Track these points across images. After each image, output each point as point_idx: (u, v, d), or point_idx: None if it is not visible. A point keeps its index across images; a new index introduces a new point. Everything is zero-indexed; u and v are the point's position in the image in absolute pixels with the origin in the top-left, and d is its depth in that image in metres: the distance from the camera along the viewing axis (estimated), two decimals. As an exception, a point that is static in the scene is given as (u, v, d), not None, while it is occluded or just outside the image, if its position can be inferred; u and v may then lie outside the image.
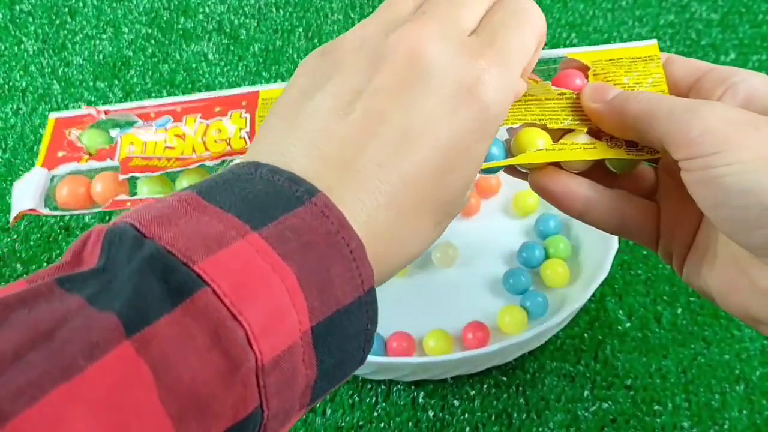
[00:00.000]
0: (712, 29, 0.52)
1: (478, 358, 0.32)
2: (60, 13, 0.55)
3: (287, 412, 0.17)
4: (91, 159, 0.28)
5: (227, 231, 0.17)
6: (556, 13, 0.54)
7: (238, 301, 0.16)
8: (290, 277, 0.17)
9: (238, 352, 0.16)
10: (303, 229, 0.17)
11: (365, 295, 0.18)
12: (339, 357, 0.18)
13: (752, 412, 0.34)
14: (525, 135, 0.25)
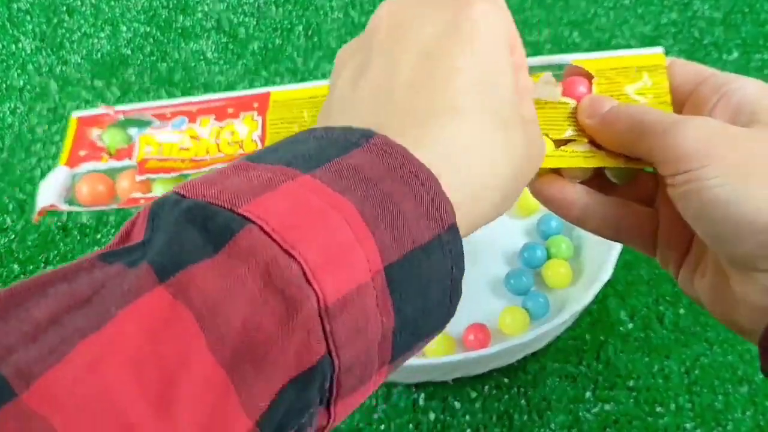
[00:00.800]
0: (714, 28, 0.52)
1: (480, 359, 0.32)
2: (58, 11, 0.55)
3: (365, 367, 0.16)
4: (110, 158, 0.28)
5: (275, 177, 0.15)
6: (558, 12, 0.54)
7: (289, 235, 0.14)
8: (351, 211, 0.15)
9: (295, 291, 0.14)
10: (362, 167, 0.16)
11: (446, 232, 0.16)
12: (421, 304, 0.16)
13: (755, 413, 0.34)
14: None
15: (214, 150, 0.28)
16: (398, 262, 0.15)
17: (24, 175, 0.45)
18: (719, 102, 0.23)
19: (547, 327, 0.32)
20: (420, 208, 0.16)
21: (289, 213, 0.15)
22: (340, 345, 0.15)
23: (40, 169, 0.45)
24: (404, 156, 0.16)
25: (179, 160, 0.28)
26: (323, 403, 0.15)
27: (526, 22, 0.53)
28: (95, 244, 0.41)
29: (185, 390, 0.13)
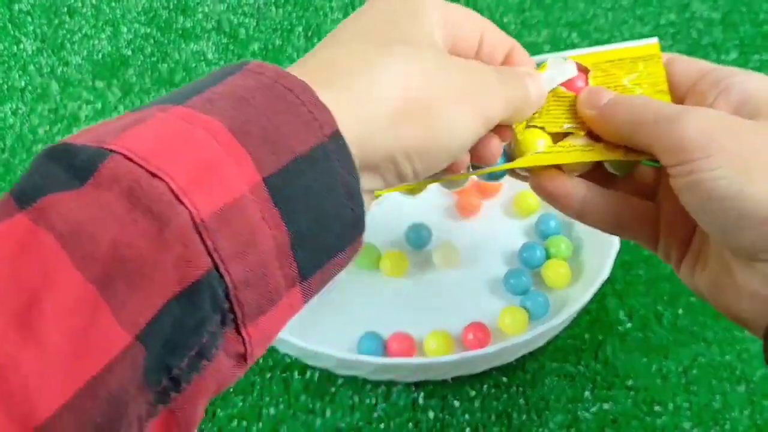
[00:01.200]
0: (713, 28, 0.52)
1: (479, 358, 0.32)
2: (58, 12, 0.55)
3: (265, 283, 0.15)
4: None
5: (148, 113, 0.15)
6: (557, 13, 0.54)
7: (154, 158, 0.14)
8: (219, 129, 0.15)
9: (163, 208, 0.14)
10: (233, 90, 0.16)
11: (329, 140, 0.16)
12: (314, 214, 0.16)
13: (753, 412, 0.34)
14: (525, 137, 0.26)
15: None
16: (278, 173, 0.15)
17: (25, 175, 0.45)
18: (720, 95, 0.23)
19: (546, 326, 0.32)
20: (297, 119, 0.16)
21: (154, 139, 0.15)
22: (227, 259, 0.15)
23: (41, 169, 0.45)
24: (277, 73, 0.16)
25: None
26: (227, 324, 0.15)
27: (524, 23, 0.54)
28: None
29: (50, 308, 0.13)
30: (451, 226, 0.41)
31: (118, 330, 0.13)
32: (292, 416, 0.34)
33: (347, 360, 0.32)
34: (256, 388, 0.35)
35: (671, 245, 0.25)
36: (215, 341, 0.15)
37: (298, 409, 0.34)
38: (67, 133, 0.47)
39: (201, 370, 0.15)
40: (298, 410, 0.34)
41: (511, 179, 0.44)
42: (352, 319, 0.37)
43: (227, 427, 0.34)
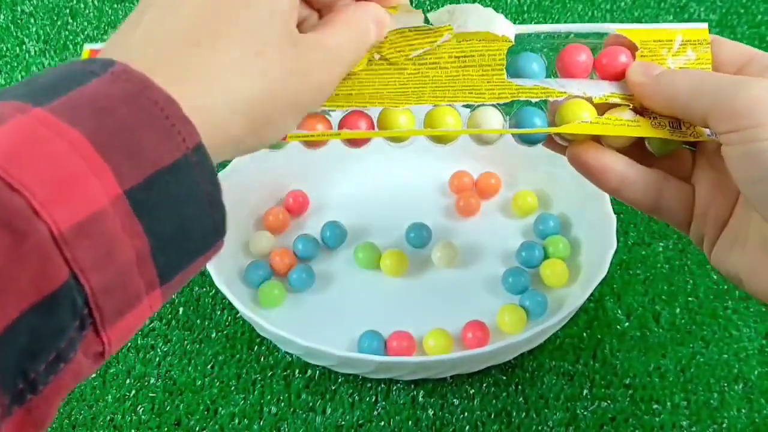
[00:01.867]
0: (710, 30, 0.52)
1: (478, 357, 0.32)
2: (61, 14, 0.56)
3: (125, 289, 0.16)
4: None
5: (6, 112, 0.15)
6: (555, 14, 0.54)
7: (14, 169, 0.14)
8: (81, 142, 0.15)
9: (23, 223, 0.14)
10: (97, 97, 0.16)
11: (191, 153, 0.17)
12: (176, 223, 0.17)
13: (751, 411, 0.34)
14: (570, 106, 0.25)
15: None
16: (140, 185, 0.16)
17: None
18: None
19: (545, 325, 0.33)
20: (160, 132, 0.16)
21: (14, 146, 0.15)
22: (88, 270, 0.15)
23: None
24: (143, 83, 0.17)
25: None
26: (86, 328, 0.16)
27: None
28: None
29: None
30: (450, 226, 0.41)
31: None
32: (293, 414, 0.34)
33: (347, 358, 0.32)
34: (257, 386, 0.35)
35: (705, 226, 0.25)
36: (74, 345, 0.16)
37: (299, 407, 0.35)
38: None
39: (58, 372, 0.15)
40: (298, 408, 0.35)
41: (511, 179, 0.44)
42: (352, 318, 0.37)
43: (228, 425, 0.34)
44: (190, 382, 0.35)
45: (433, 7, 0.56)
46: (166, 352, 0.37)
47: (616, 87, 0.26)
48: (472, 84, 0.26)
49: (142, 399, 0.35)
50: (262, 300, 0.37)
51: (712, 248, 0.25)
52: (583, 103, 0.25)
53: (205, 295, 0.39)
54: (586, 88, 0.26)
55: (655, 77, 0.24)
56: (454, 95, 0.25)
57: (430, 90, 0.26)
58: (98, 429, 0.34)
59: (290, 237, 0.40)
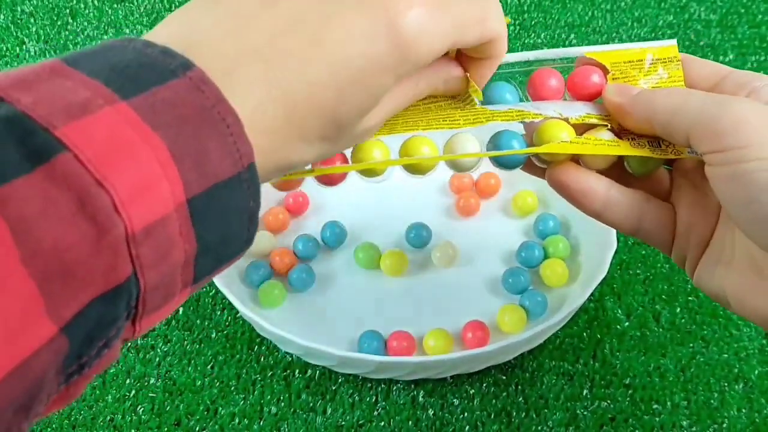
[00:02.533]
0: (711, 30, 0.52)
1: (478, 357, 0.32)
2: (61, 14, 0.56)
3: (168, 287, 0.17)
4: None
5: (94, 98, 0.16)
6: (555, 14, 0.54)
7: (102, 167, 0.15)
8: (161, 149, 0.16)
9: (104, 219, 0.15)
10: (176, 102, 0.17)
11: (245, 171, 0.18)
12: (221, 233, 0.18)
13: (751, 411, 0.34)
14: (548, 127, 0.25)
15: None
16: (200, 195, 0.17)
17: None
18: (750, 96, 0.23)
19: (544, 325, 0.33)
20: (224, 148, 0.18)
21: (105, 142, 0.16)
22: (147, 268, 0.16)
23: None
24: (217, 97, 0.18)
25: None
26: (129, 318, 0.17)
27: (523, 25, 0.54)
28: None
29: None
30: (450, 225, 0.41)
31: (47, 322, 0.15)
32: (293, 414, 0.34)
33: (348, 358, 0.32)
34: (257, 386, 0.35)
35: (688, 246, 0.25)
36: (119, 333, 0.17)
37: (299, 408, 0.35)
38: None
39: (102, 357, 0.17)
40: (298, 408, 0.35)
41: (511, 179, 0.44)
42: (352, 317, 0.37)
43: (228, 425, 0.34)
44: (190, 382, 0.35)
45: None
46: (166, 352, 0.37)
47: (591, 108, 0.25)
48: (446, 113, 0.25)
49: (142, 399, 0.35)
50: (262, 300, 0.37)
51: (695, 269, 0.25)
52: (561, 124, 0.25)
53: (205, 295, 0.39)
54: (562, 110, 0.25)
55: (633, 97, 0.24)
56: (428, 124, 0.25)
57: (402, 121, 0.25)
58: (98, 429, 0.34)
59: (290, 237, 0.40)
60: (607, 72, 0.26)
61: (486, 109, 0.25)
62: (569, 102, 0.26)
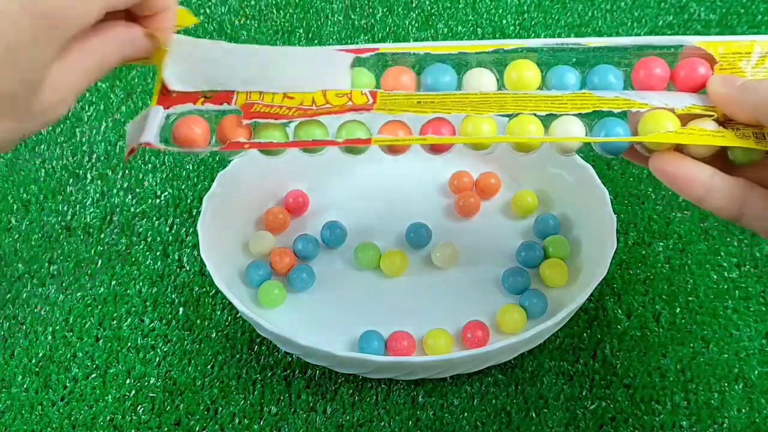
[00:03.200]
0: (710, 30, 0.53)
1: (478, 357, 0.32)
2: (61, 14, 0.56)
3: None
4: (207, 101, 0.28)
5: None
6: (555, 14, 0.54)
7: None
8: None
9: None
10: None
11: None
12: None
13: (751, 411, 0.34)
14: (653, 116, 0.26)
15: (320, 99, 0.27)
16: None
17: (28, 175, 0.45)
18: None
19: (544, 325, 0.33)
20: None
21: None
22: None
23: (44, 170, 0.45)
24: None
25: (285, 107, 0.27)
26: None
27: (523, 25, 0.54)
28: (99, 244, 0.41)
29: None
30: (450, 226, 0.41)
31: None
32: (293, 414, 0.34)
33: (348, 358, 0.32)
34: (258, 386, 0.35)
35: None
36: None
37: (299, 407, 0.35)
38: (70, 134, 0.48)
39: None
40: (299, 408, 0.35)
41: (511, 180, 0.44)
42: (352, 318, 0.37)
43: (228, 425, 0.34)
44: (190, 382, 0.36)
45: (433, 8, 0.56)
46: (166, 352, 0.37)
47: (696, 99, 0.26)
48: (554, 95, 0.26)
49: (142, 399, 0.35)
50: (262, 300, 0.37)
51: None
52: (666, 114, 0.26)
53: (205, 295, 0.39)
54: (668, 100, 0.26)
55: (739, 87, 0.25)
56: (536, 105, 0.26)
57: (511, 100, 0.26)
58: (98, 429, 0.34)
59: (290, 237, 0.40)
60: (714, 63, 0.26)
61: (593, 95, 0.26)
62: (674, 92, 0.27)
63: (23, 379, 0.36)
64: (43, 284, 0.39)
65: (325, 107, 0.27)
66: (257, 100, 0.28)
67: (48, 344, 0.37)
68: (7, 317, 0.38)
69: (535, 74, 0.27)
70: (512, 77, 0.27)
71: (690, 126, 0.26)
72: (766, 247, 0.40)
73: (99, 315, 0.38)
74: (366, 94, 0.27)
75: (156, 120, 0.28)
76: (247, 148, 0.28)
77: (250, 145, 0.28)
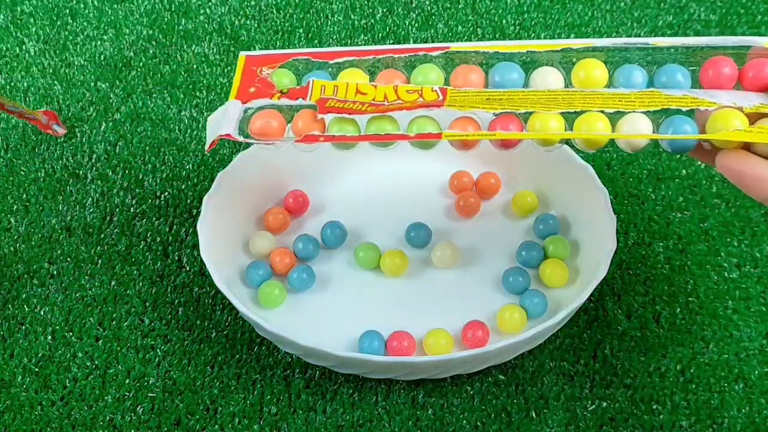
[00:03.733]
0: (710, 30, 0.53)
1: (478, 357, 0.32)
2: (61, 14, 0.56)
3: None
4: (283, 96, 0.30)
5: None
6: (555, 14, 0.54)
7: None
8: None
9: None
10: None
11: None
12: None
13: (751, 411, 0.34)
14: (722, 115, 0.26)
15: (392, 95, 0.29)
16: None
17: (28, 176, 0.45)
18: None
19: (544, 325, 0.33)
20: None
21: None
22: None
23: (44, 170, 0.45)
24: None
25: (359, 103, 0.29)
26: None
27: (523, 25, 0.54)
28: (99, 244, 0.41)
29: None
30: (450, 226, 0.41)
31: None
32: (293, 414, 0.34)
33: (348, 358, 0.32)
34: (258, 386, 0.35)
35: None
36: None
37: (299, 407, 0.35)
38: (70, 134, 0.48)
39: None
40: (299, 408, 0.35)
41: (511, 179, 0.44)
42: (352, 318, 0.37)
43: (228, 425, 0.34)
44: (190, 382, 0.35)
45: (433, 8, 0.56)
46: (166, 352, 0.37)
47: (765, 98, 0.26)
48: (621, 93, 0.27)
49: (142, 399, 0.35)
50: (262, 300, 0.37)
51: None
52: (734, 112, 0.26)
53: (205, 296, 0.39)
54: (736, 99, 0.26)
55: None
56: (605, 102, 0.27)
57: (579, 97, 0.27)
58: (98, 429, 0.34)
59: (290, 237, 0.40)
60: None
61: (661, 93, 0.26)
62: (742, 92, 0.27)
63: (23, 379, 0.36)
64: (43, 284, 0.39)
65: (396, 103, 0.28)
66: (331, 95, 0.29)
67: (48, 344, 0.37)
68: (7, 317, 0.38)
69: (602, 72, 0.28)
70: (580, 76, 0.28)
71: (758, 124, 0.26)
72: (766, 248, 0.40)
73: (99, 315, 0.38)
74: (436, 91, 0.28)
75: (235, 114, 0.29)
76: (321, 140, 0.29)
77: (324, 138, 0.29)
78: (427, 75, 0.29)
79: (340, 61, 0.30)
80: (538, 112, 0.27)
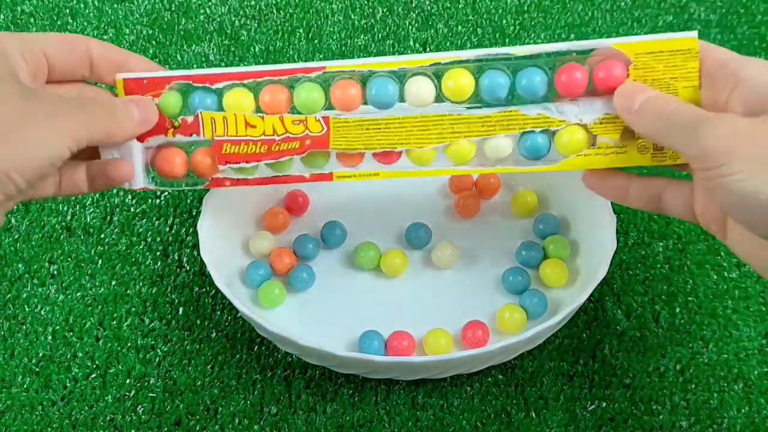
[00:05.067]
0: (710, 30, 0.53)
1: (478, 357, 0.32)
2: (61, 14, 0.56)
3: None
4: (177, 132, 0.31)
5: None
6: (555, 15, 0.54)
7: None
8: None
9: None
10: None
11: None
12: None
13: (751, 411, 0.34)
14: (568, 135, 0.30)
15: (280, 128, 0.31)
16: None
17: (28, 175, 0.45)
18: (735, 89, 0.26)
19: (544, 326, 0.33)
20: None
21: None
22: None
23: (44, 170, 0.45)
24: None
25: (251, 141, 0.31)
26: None
27: (523, 26, 0.54)
28: (99, 244, 0.41)
29: None
30: (450, 226, 0.41)
31: None
32: (293, 414, 0.34)
33: (348, 358, 0.32)
34: (258, 386, 0.35)
35: (710, 220, 0.28)
36: None
37: (299, 408, 0.35)
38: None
39: None
40: (299, 408, 0.35)
41: (510, 180, 0.44)
42: (352, 318, 0.37)
43: (229, 425, 0.34)
44: (190, 382, 0.36)
45: (433, 8, 0.56)
46: (166, 352, 0.37)
47: (608, 106, 0.29)
48: (484, 117, 0.30)
49: (142, 399, 0.35)
50: (262, 300, 0.37)
51: (725, 238, 0.28)
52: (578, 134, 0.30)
53: (205, 296, 0.39)
54: (582, 114, 0.30)
55: (635, 113, 0.28)
56: (469, 129, 0.31)
57: (448, 125, 0.31)
58: (98, 429, 0.34)
59: (290, 237, 0.40)
60: (630, 64, 0.29)
61: (519, 113, 0.30)
62: (590, 100, 0.30)
63: (23, 379, 0.36)
64: (43, 284, 0.40)
65: (286, 137, 0.30)
66: (222, 135, 0.31)
67: (48, 344, 0.37)
68: (7, 317, 0.38)
69: (469, 81, 0.30)
70: (449, 85, 0.30)
71: (598, 143, 0.30)
72: (765, 248, 0.40)
73: (99, 315, 0.38)
74: (320, 121, 0.31)
75: (139, 158, 0.31)
76: (228, 185, 0.32)
77: (230, 182, 0.32)
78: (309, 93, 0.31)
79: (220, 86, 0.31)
80: (413, 149, 0.31)
